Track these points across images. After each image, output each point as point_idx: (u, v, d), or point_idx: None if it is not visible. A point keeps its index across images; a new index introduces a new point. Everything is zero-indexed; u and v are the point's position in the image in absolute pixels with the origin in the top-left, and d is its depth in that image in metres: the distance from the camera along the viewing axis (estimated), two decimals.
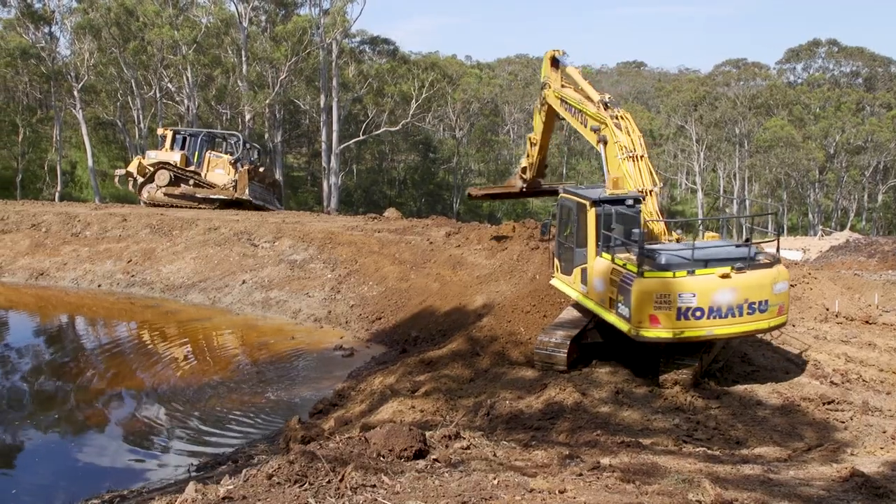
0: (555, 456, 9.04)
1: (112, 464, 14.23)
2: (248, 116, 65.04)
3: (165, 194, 37.48)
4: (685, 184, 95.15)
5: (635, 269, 13.26)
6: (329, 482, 6.76)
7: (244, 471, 7.32)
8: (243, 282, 27.45)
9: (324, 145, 68.16)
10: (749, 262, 13.59)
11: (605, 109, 16.97)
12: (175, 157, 37.94)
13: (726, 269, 13.23)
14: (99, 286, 29.34)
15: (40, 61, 63.59)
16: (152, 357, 21.57)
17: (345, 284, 25.91)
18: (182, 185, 37.59)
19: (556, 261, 16.41)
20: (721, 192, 78.73)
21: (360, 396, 16.44)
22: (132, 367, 20.62)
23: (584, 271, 15.04)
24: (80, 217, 34.19)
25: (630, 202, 14.97)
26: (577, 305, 16.08)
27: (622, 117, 16.71)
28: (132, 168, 38.98)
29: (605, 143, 16.62)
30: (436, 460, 8.00)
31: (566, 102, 18.68)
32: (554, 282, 16.59)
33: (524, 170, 23.10)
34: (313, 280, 26.66)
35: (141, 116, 65.50)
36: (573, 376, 14.53)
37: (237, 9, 62.97)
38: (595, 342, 15.81)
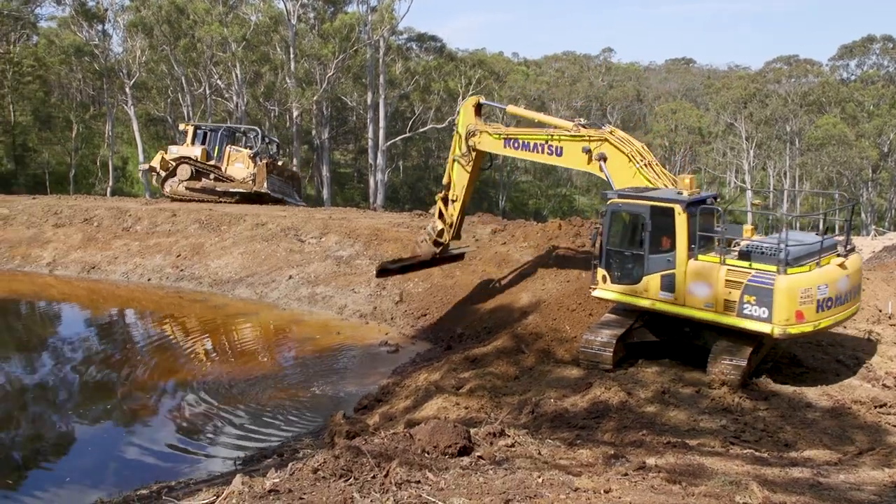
0: (600, 455, 9.00)
1: (159, 455, 14.45)
2: (295, 113, 65.51)
3: (187, 188, 38.55)
4: (734, 182, 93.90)
5: (772, 268, 13.21)
6: (374, 477, 6.80)
7: (290, 464, 7.39)
8: (290, 277, 27.68)
9: (370, 142, 68.46)
10: (846, 250, 14.17)
11: (585, 130, 16.92)
12: (196, 151, 39.02)
13: (838, 258, 13.75)
14: (149, 280, 29.79)
15: (93, 59, 64.88)
16: (199, 351, 21.87)
17: (390, 281, 25.95)
18: (203, 179, 38.60)
19: (604, 271, 15.48)
20: (771, 190, 77.45)
21: (404, 392, 16.49)
22: (179, 361, 20.92)
23: (665, 278, 14.44)
24: (131, 212, 34.75)
25: (711, 201, 14.88)
26: (623, 308, 15.82)
27: (613, 132, 16.66)
28: (155, 163, 40.20)
29: (605, 159, 16.47)
30: (480, 457, 8.00)
31: (517, 140, 18.30)
32: (600, 293, 15.72)
33: (440, 233, 21.26)
34: (359, 276, 26.79)
35: (191, 113, 66.45)
36: (619, 375, 14.44)
37: (286, 6, 63.44)
38: (642, 341, 15.67)
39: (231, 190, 38.12)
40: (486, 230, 28.06)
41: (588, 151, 16.79)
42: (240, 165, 38.58)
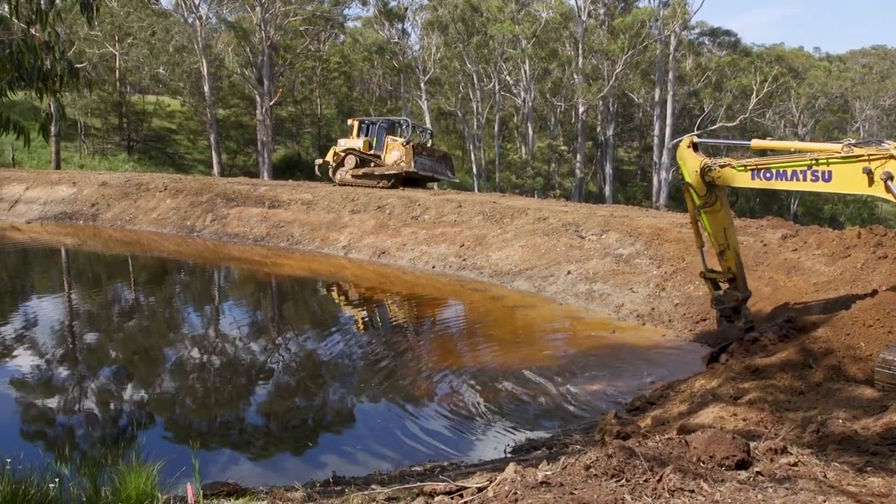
0: (894, 486, 8.31)
1: (433, 435, 15.01)
2: (581, 109, 65.80)
3: (352, 176, 42.82)
4: None
5: None
6: (646, 481, 6.72)
7: (562, 458, 7.46)
8: (568, 272, 27.84)
9: (656, 139, 67.35)
10: None
11: (860, 149, 15.18)
12: (359, 143, 43.50)
13: None
14: (433, 267, 31.17)
15: (393, 56, 68.88)
16: (477, 338, 22.55)
17: (670, 282, 25.43)
18: (365, 167, 42.73)
19: None
20: None
21: (679, 397, 16.08)
22: (458, 347, 21.69)
23: None
24: (420, 202, 36.55)
25: None
26: None
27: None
28: (329, 157, 44.89)
29: (893, 178, 14.78)
30: (759, 473, 7.65)
31: (769, 171, 16.34)
32: None
33: (729, 298, 18.53)
34: (638, 275, 26.44)
35: (479, 108, 68.67)
36: None
37: (577, 3, 63.82)
38: None
39: (386, 173, 41.93)
40: (775, 235, 26.70)
41: (869, 172, 15.28)
42: (396, 154, 42.35)
